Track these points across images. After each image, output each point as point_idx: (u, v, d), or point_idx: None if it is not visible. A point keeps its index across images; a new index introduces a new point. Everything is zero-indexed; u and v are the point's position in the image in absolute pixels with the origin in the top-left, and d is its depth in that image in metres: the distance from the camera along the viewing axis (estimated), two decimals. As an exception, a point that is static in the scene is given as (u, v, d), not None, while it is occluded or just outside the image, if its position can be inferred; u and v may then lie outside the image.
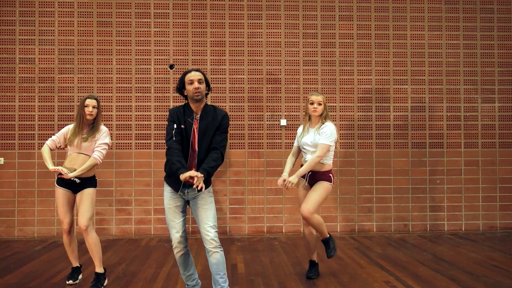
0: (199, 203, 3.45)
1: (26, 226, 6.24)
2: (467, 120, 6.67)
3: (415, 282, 4.14)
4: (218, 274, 3.41)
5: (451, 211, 6.60)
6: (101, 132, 4.12)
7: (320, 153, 4.08)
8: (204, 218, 3.41)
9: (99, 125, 4.16)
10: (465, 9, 6.73)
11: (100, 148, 4.08)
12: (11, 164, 6.24)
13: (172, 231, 3.51)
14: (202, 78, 3.46)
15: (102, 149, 4.10)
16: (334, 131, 4.15)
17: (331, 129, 4.12)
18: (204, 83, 3.47)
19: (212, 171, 3.36)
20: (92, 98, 4.13)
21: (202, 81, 3.45)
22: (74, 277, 4.20)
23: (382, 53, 6.63)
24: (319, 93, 4.24)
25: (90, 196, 4.09)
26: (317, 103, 4.18)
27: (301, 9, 6.58)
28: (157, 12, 6.46)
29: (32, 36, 6.33)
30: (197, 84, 3.41)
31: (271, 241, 6.00)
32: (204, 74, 3.51)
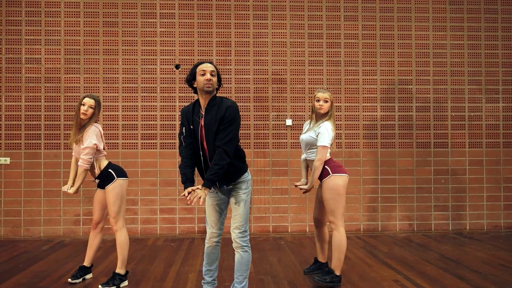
0: (231, 200, 3.42)
1: (33, 226, 6.25)
2: (471, 120, 6.70)
3: (424, 281, 4.17)
4: (236, 274, 3.43)
5: (456, 210, 6.63)
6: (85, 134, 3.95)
7: (320, 156, 3.99)
8: (232, 217, 3.39)
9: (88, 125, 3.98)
10: (469, 9, 6.76)
11: (83, 154, 3.95)
12: (18, 164, 6.24)
13: (207, 227, 3.54)
14: (215, 71, 3.33)
15: (84, 154, 3.94)
16: (330, 130, 4.00)
17: (324, 130, 3.99)
18: (216, 76, 3.34)
19: (215, 178, 3.20)
20: (91, 98, 4.02)
21: (214, 73, 3.32)
22: (75, 276, 4.20)
23: (387, 53, 6.66)
24: (325, 90, 4.15)
25: (109, 195, 4.02)
26: (323, 100, 4.10)
27: (306, 9, 6.60)
28: (163, 12, 6.47)
29: (38, 36, 6.34)
30: (209, 76, 3.28)
31: (277, 241, 6.03)
32: (216, 68, 3.39)
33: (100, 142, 4.04)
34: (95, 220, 4.22)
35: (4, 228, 6.21)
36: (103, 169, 4.06)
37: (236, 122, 3.28)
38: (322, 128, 4.01)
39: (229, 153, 3.23)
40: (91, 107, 4.00)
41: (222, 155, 3.21)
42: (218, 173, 3.20)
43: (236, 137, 3.30)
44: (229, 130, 3.23)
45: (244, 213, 3.37)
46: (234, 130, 3.26)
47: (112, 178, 4.03)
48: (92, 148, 3.95)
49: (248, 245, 3.40)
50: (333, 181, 4.00)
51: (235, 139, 3.28)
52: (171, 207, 6.37)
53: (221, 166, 3.20)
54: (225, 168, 3.23)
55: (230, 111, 3.24)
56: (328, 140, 3.99)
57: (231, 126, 3.24)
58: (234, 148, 3.30)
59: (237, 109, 3.32)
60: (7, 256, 5.21)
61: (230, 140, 3.23)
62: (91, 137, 3.94)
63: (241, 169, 3.41)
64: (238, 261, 3.40)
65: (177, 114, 6.44)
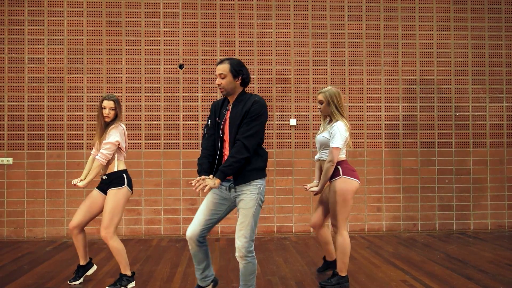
0: (240, 204, 3.20)
1: (36, 226, 6.21)
2: (475, 120, 6.70)
3: (432, 281, 4.15)
4: (241, 282, 3.30)
5: (460, 210, 6.63)
6: (109, 131, 3.94)
7: (332, 157, 3.88)
8: (239, 223, 3.18)
9: (112, 124, 3.97)
10: (473, 9, 6.76)
11: (103, 149, 3.90)
12: (21, 164, 6.21)
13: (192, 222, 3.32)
14: (224, 72, 3.17)
15: (105, 149, 3.89)
16: (343, 130, 3.91)
17: (336, 130, 3.90)
18: (228, 76, 3.17)
19: (229, 171, 3.08)
20: (110, 100, 3.97)
21: (224, 75, 3.17)
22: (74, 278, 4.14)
23: (391, 53, 6.65)
24: (321, 90, 4.04)
25: (111, 198, 3.91)
26: (319, 102, 4.06)
27: (310, 9, 6.59)
28: (167, 11, 6.45)
29: (41, 35, 6.31)
30: (218, 80, 3.20)
31: (282, 241, 6.01)
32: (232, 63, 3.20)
33: (123, 141, 4.01)
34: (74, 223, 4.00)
35: (7, 229, 6.17)
36: (118, 170, 3.98)
37: (261, 118, 3.15)
38: (334, 129, 3.92)
39: (249, 147, 3.10)
40: (111, 108, 3.97)
41: (241, 149, 3.09)
42: (233, 166, 3.08)
43: (259, 133, 3.15)
44: (253, 125, 3.12)
45: (252, 221, 3.16)
46: (258, 126, 3.13)
47: (121, 183, 3.95)
48: (114, 144, 3.90)
49: (252, 255, 3.21)
50: (342, 184, 3.91)
51: (257, 135, 3.14)
52: (175, 207, 6.34)
53: (237, 159, 3.08)
54: (241, 162, 3.10)
55: (257, 106, 3.14)
56: (341, 141, 3.89)
57: (255, 121, 3.13)
58: (256, 145, 3.16)
59: (265, 105, 3.21)
60: (11, 257, 5.17)
61: (251, 134, 3.11)
62: (115, 134, 3.92)
63: (258, 170, 3.21)
64: (242, 272, 3.26)
65: (181, 114, 6.42)
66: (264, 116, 3.19)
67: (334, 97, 4.00)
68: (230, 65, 3.21)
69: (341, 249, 3.94)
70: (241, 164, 3.11)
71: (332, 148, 3.91)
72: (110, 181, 3.99)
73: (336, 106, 4.01)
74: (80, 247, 4.15)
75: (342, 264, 3.97)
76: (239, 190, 3.21)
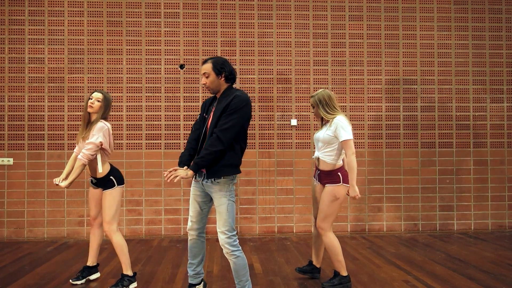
0: (214, 202, 3.33)
1: (36, 227, 6.19)
2: (476, 120, 6.70)
3: (434, 281, 4.15)
4: (236, 280, 3.35)
5: (460, 210, 6.63)
6: (93, 130, 3.88)
7: (351, 150, 3.87)
8: (217, 221, 3.29)
9: (96, 121, 3.90)
10: (474, 9, 6.76)
11: (85, 149, 3.85)
12: (21, 164, 6.19)
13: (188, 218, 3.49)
14: (207, 71, 3.29)
15: (87, 149, 3.83)
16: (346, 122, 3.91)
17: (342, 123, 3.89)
18: (211, 75, 3.28)
19: (201, 162, 3.13)
20: (99, 92, 3.96)
21: (208, 74, 3.29)
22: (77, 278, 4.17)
23: (392, 53, 6.65)
24: (311, 95, 4.12)
25: (106, 198, 3.99)
26: (311, 106, 4.13)
27: (311, 9, 6.58)
28: (167, 11, 6.44)
29: (41, 35, 6.29)
30: (203, 80, 3.32)
31: (283, 241, 6.00)
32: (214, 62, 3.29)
33: (107, 141, 3.95)
34: (92, 216, 4.23)
35: (7, 230, 6.16)
36: (105, 175, 3.99)
37: (239, 112, 3.17)
38: (338, 124, 3.91)
39: (223, 140, 3.13)
40: (98, 100, 3.93)
41: (214, 141, 3.13)
42: (205, 159, 3.12)
43: (235, 127, 3.17)
44: (230, 119, 3.15)
45: (228, 217, 3.23)
46: (235, 120, 3.16)
47: (112, 185, 4.00)
48: (97, 145, 3.85)
49: (238, 249, 3.25)
50: (341, 191, 3.95)
51: (233, 128, 3.15)
52: (175, 207, 6.33)
53: (210, 151, 3.12)
54: (214, 155, 3.13)
55: (236, 100, 3.19)
56: (350, 132, 3.91)
57: (233, 115, 3.16)
58: (231, 139, 3.18)
59: (246, 100, 3.23)
60: (12, 258, 5.16)
61: (227, 128, 3.14)
62: (98, 133, 3.86)
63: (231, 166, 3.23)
64: (233, 268, 3.30)
65: (182, 114, 6.41)
66: (243, 111, 3.19)
67: (323, 98, 4.03)
68: (212, 64, 3.31)
69: (332, 249, 3.95)
70: (214, 156, 3.14)
71: (346, 141, 3.89)
72: (100, 185, 4.04)
73: (324, 106, 4.02)
74: (93, 245, 4.23)
75: (338, 264, 3.96)
76: (210, 187, 3.30)
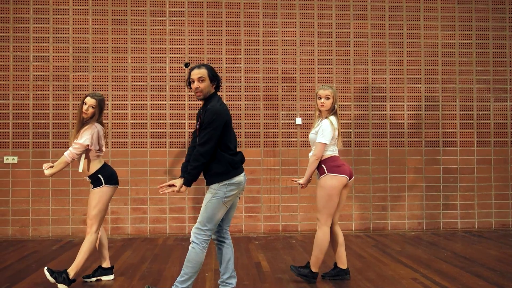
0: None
1: (41, 225, 6.18)
2: (479, 119, 6.73)
3: (442, 279, 4.17)
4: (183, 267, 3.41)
5: (464, 209, 6.66)
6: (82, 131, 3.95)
7: (316, 152, 3.95)
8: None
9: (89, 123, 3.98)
10: (478, 8, 6.79)
11: (72, 147, 3.94)
12: (25, 163, 6.18)
13: None
14: (203, 76, 3.34)
15: (73, 148, 3.91)
16: (329, 127, 3.93)
17: (324, 127, 3.93)
18: (206, 80, 3.34)
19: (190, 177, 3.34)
20: (93, 97, 4.00)
21: (203, 78, 3.33)
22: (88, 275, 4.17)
23: (396, 52, 6.67)
24: (327, 86, 4.06)
25: (92, 196, 4.01)
26: (325, 97, 4.02)
27: (316, 8, 6.60)
28: (172, 10, 6.44)
29: (46, 34, 6.28)
30: (196, 84, 3.34)
31: (288, 240, 6.01)
32: (209, 68, 3.37)
33: (96, 143, 4.00)
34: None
35: (12, 228, 6.14)
36: (94, 172, 4.02)
37: (211, 125, 3.27)
38: (322, 125, 3.97)
39: (204, 154, 3.29)
40: (91, 106, 3.98)
41: (195, 156, 3.32)
42: (192, 173, 3.33)
43: (212, 139, 3.28)
44: (204, 133, 3.30)
45: (204, 211, 3.35)
46: (209, 133, 3.28)
47: (100, 183, 4.02)
48: (83, 146, 3.93)
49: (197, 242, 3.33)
50: (327, 181, 3.96)
51: (210, 141, 3.28)
52: (180, 206, 6.33)
53: (193, 166, 3.32)
54: (199, 168, 3.33)
55: (207, 114, 3.30)
56: (327, 136, 3.93)
57: (206, 129, 3.29)
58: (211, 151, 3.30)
59: (215, 113, 3.30)
60: (18, 256, 5.15)
61: (204, 142, 3.29)
62: (86, 135, 3.94)
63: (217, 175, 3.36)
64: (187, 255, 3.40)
65: (187, 112, 6.41)
66: (215, 123, 3.28)
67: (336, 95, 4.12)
68: (208, 70, 3.39)
69: (319, 243, 3.97)
70: (199, 170, 3.35)
71: (318, 143, 3.97)
72: (92, 182, 4.08)
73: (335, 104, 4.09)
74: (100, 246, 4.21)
75: (315, 259, 4.01)
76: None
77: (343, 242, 4.16)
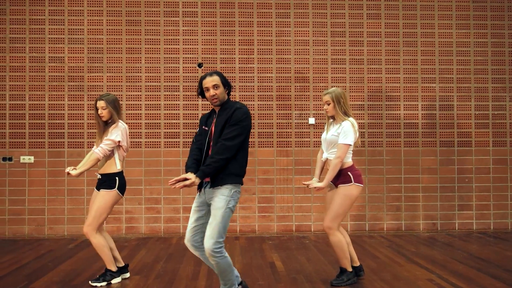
0: (211, 206, 3.29)
1: (56, 224, 6.25)
2: (495, 119, 6.65)
3: (459, 280, 4.13)
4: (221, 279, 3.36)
5: (480, 209, 6.58)
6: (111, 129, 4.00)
7: (340, 153, 3.89)
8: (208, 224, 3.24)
9: (112, 123, 4.03)
10: (493, 7, 6.71)
11: (103, 143, 3.96)
12: (41, 162, 6.25)
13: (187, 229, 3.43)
14: (217, 82, 3.34)
15: (105, 145, 3.95)
16: (351, 128, 3.91)
17: (347, 128, 3.91)
18: (221, 86, 3.35)
19: (207, 169, 3.19)
20: (100, 99, 4.03)
21: (217, 86, 3.34)
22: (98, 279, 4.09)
23: (410, 52, 6.62)
24: (326, 92, 4.05)
25: (99, 198, 3.99)
26: (326, 103, 4.05)
27: (329, 7, 6.57)
28: (186, 10, 6.46)
29: (61, 35, 6.35)
30: (213, 91, 3.33)
31: (301, 240, 6.00)
32: (220, 75, 3.38)
33: (124, 140, 4.06)
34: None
35: (28, 227, 6.22)
36: (112, 173, 4.03)
37: (242, 123, 3.27)
38: (344, 126, 3.93)
39: (230, 148, 3.22)
40: (103, 108, 4.02)
41: (219, 149, 3.21)
42: (212, 166, 3.19)
43: (239, 137, 3.25)
44: (234, 128, 3.26)
45: (220, 223, 3.20)
46: (238, 130, 3.26)
47: (112, 186, 4.01)
48: (115, 142, 3.97)
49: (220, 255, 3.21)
50: (352, 190, 3.95)
51: (238, 138, 3.25)
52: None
53: (216, 159, 3.19)
54: (219, 162, 3.20)
55: (237, 112, 3.30)
56: (351, 137, 3.91)
57: (236, 125, 3.27)
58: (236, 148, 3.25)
59: (246, 113, 3.32)
60: (35, 255, 5.21)
61: (232, 137, 3.23)
62: (116, 132, 3.99)
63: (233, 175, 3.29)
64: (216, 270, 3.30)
65: (200, 112, 6.43)
66: (245, 122, 3.29)
67: (340, 98, 4.02)
68: (220, 77, 3.38)
69: (340, 247, 3.96)
70: (220, 164, 3.21)
71: (342, 144, 3.91)
72: (103, 181, 4.05)
73: (343, 107, 4.02)
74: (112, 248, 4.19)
75: (345, 260, 3.99)
76: (212, 193, 3.30)
77: (349, 241, 4.15)
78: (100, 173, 4.09)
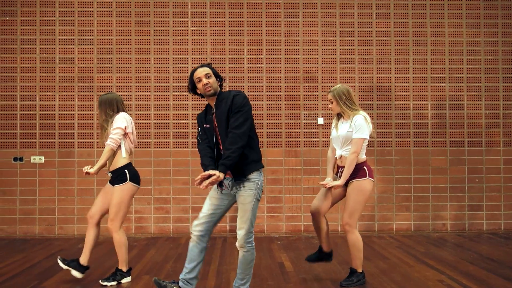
0: (238, 199, 3.36)
1: (66, 224, 6.30)
2: (506, 118, 6.59)
3: (470, 281, 4.10)
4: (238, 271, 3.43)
5: (490, 210, 6.53)
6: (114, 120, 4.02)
7: (355, 148, 3.85)
8: (238, 218, 3.33)
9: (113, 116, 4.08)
10: (504, 5, 6.65)
11: (111, 134, 3.98)
12: (52, 162, 6.31)
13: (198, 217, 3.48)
14: (209, 72, 3.35)
15: (114, 134, 3.96)
16: (364, 122, 3.86)
17: (360, 122, 3.86)
18: (213, 76, 3.35)
19: (228, 161, 3.17)
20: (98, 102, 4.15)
21: (209, 75, 3.34)
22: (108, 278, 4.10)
23: (420, 51, 6.58)
24: (329, 91, 4.03)
25: (115, 194, 4.00)
26: (329, 101, 4.05)
27: (337, 7, 6.56)
28: (194, 11, 6.48)
29: (71, 36, 6.40)
30: (205, 80, 3.32)
31: (310, 240, 5.99)
32: (211, 67, 3.39)
33: (130, 127, 4.06)
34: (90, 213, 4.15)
35: (39, 226, 6.28)
36: (120, 167, 4.03)
37: (245, 107, 3.27)
38: (357, 121, 3.88)
39: (241, 136, 3.21)
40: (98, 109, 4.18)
41: (233, 139, 3.20)
42: (231, 157, 3.17)
43: (247, 122, 3.25)
44: (239, 115, 3.25)
45: (251, 216, 3.30)
46: (244, 115, 3.25)
47: (124, 179, 4.01)
48: (122, 128, 3.98)
49: (250, 245, 3.34)
50: (366, 185, 3.94)
51: (246, 123, 3.25)
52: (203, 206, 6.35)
53: (233, 150, 3.18)
54: (237, 152, 3.20)
55: (237, 99, 3.28)
56: (366, 131, 3.87)
57: (240, 112, 3.25)
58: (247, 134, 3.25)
59: (245, 97, 3.33)
60: (45, 254, 5.26)
61: (240, 124, 3.23)
62: (119, 119, 4.01)
63: (254, 162, 3.33)
64: (241, 260, 3.40)
65: (209, 113, 6.44)
66: (247, 106, 3.29)
67: (342, 94, 3.97)
68: (210, 68, 3.40)
69: (357, 246, 3.94)
70: (238, 154, 3.20)
71: (357, 138, 3.87)
72: (115, 177, 4.05)
73: (346, 102, 3.97)
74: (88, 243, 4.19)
75: (358, 261, 3.98)
76: (238, 186, 3.35)
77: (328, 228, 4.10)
78: (110, 171, 4.10)
